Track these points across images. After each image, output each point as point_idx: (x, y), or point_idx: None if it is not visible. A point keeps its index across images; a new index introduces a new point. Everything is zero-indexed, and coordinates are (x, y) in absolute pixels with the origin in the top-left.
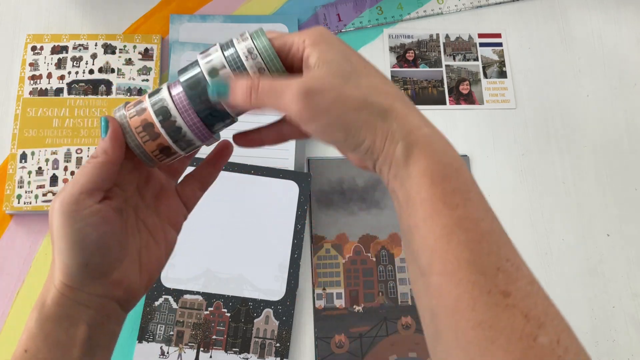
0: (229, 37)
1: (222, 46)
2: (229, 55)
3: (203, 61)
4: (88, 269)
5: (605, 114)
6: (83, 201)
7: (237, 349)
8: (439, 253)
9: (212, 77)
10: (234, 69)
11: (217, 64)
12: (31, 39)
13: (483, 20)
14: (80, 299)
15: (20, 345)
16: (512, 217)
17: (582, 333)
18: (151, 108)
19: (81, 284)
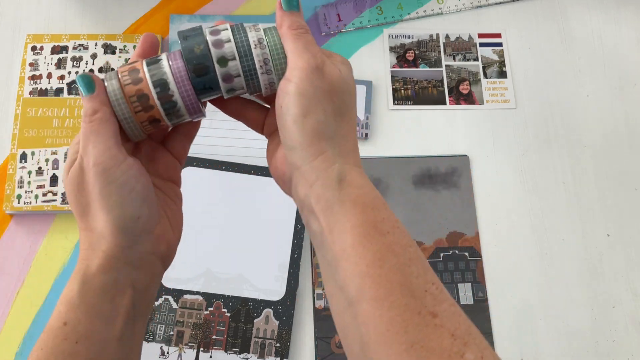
0: (240, 22)
1: (232, 29)
2: (239, 41)
3: (211, 40)
4: (140, 222)
5: (605, 114)
6: (117, 155)
7: (237, 349)
8: (372, 278)
9: (220, 65)
10: (241, 55)
11: (228, 54)
12: (31, 39)
13: (483, 20)
14: (131, 259)
15: (58, 317)
16: (512, 217)
17: (582, 333)
18: (150, 78)
19: (133, 240)
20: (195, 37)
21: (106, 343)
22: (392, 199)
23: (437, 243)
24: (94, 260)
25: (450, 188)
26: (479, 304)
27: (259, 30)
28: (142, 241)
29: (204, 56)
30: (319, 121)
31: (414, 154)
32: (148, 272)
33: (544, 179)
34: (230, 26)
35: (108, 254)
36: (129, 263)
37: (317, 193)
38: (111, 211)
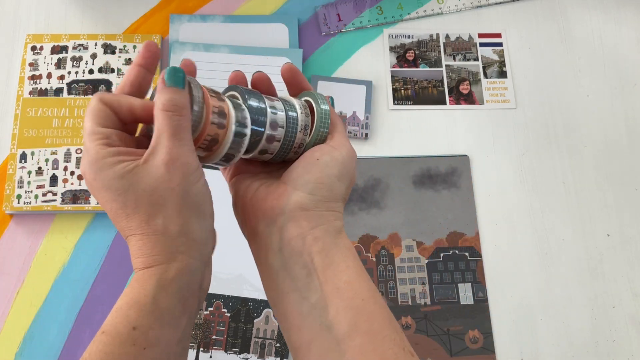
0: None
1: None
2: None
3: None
4: (212, 219)
5: (605, 114)
6: (197, 158)
7: (237, 349)
8: (367, 312)
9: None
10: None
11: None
12: (31, 39)
13: (483, 20)
14: (206, 257)
15: (127, 321)
16: (512, 217)
17: (582, 333)
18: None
19: (210, 237)
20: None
21: (170, 347)
22: (392, 199)
23: (437, 243)
24: (173, 264)
25: (450, 188)
26: (479, 304)
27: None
28: (212, 238)
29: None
30: (341, 191)
31: (414, 154)
32: (207, 262)
33: (544, 179)
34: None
35: (188, 255)
36: (204, 262)
37: (317, 235)
38: (195, 209)
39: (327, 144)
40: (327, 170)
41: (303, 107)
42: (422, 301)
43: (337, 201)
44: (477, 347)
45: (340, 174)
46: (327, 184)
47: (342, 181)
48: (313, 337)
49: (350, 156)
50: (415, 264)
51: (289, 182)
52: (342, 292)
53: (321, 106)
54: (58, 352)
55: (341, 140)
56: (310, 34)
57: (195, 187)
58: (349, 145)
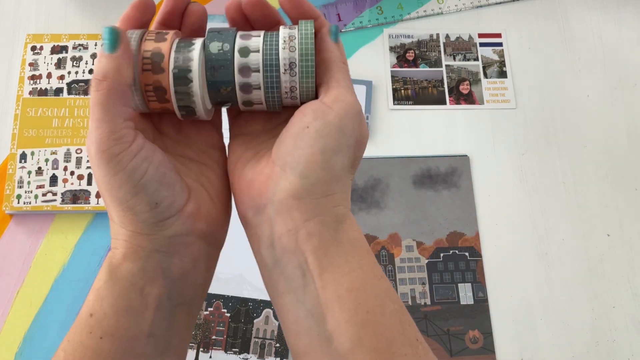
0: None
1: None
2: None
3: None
4: (160, 208)
5: (605, 114)
6: (124, 137)
7: (237, 349)
8: (373, 326)
9: (241, 55)
10: (266, 54)
11: (253, 63)
12: (31, 38)
13: (483, 20)
14: (159, 246)
15: (86, 307)
16: (512, 217)
17: (582, 333)
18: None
19: (156, 227)
20: (222, 38)
21: (134, 340)
22: (392, 199)
23: (437, 243)
24: (119, 250)
25: (450, 188)
26: (479, 304)
27: (293, 28)
28: (169, 225)
29: (226, 60)
30: (343, 164)
31: (414, 154)
32: (185, 256)
33: (544, 179)
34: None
35: (131, 242)
36: (156, 250)
37: (311, 230)
38: (122, 202)
39: (320, 100)
40: (320, 142)
41: (288, 40)
42: (422, 301)
43: (338, 180)
44: (477, 347)
45: (339, 144)
46: (321, 161)
47: (343, 152)
48: (311, 347)
49: (351, 115)
50: (415, 264)
51: (277, 159)
52: (344, 301)
53: (302, 33)
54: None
55: (338, 92)
56: None
57: (119, 176)
58: (350, 99)
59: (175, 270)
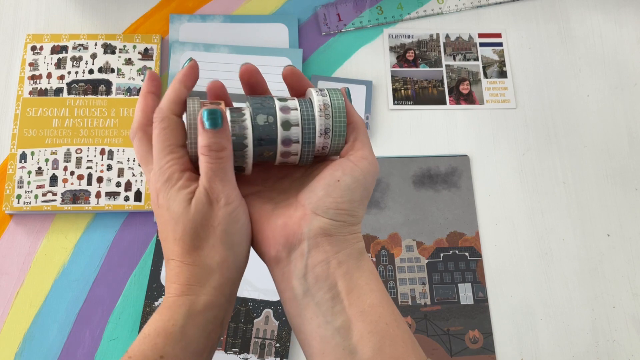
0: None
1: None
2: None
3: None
4: (236, 261)
5: (605, 114)
6: (239, 195)
7: (237, 349)
8: (391, 337)
9: (283, 129)
10: (304, 120)
11: (292, 119)
12: (31, 38)
13: (483, 20)
14: (229, 296)
15: (154, 349)
16: (512, 217)
17: (582, 333)
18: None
19: (240, 275)
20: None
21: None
22: (392, 199)
23: (437, 243)
24: (202, 297)
25: (450, 188)
26: (479, 304)
27: (325, 96)
28: (236, 278)
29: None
30: (364, 210)
31: (414, 154)
32: (233, 304)
33: (544, 179)
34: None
35: (219, 290)
36: (227, 300)
37: (340, 259)
38: (232, 248)
39: (348, 159)
40: (349, 195)
41: (323, 109)
42: (422, 301)
43: (359, 223)
44: (477, 347)
45: (362, 197)
46: (348, 209)
47: (364, 202)
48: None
49: (372, 173)
50: (415, 264)
51: (308, 205)
52: (367, 315)
53: (334, 102)
54: (58, 352)
55: (363, 152)
56: (310, 34)
57: (234, 226)
58: (371, 158)
59: (227, 317)
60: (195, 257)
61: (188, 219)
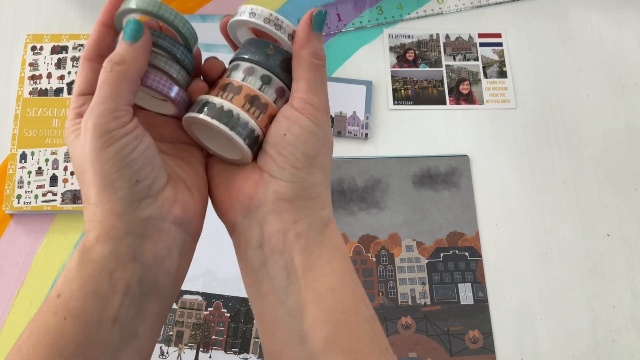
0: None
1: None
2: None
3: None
4: (140, 187)
5: (605, 114)
6: (123, 116)
7: (237, 349)
8: (346, 326)
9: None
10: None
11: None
12: (31, 39)
13: (483, 20)
14: (133, 228)
15: (55, 289)
16: (512, 217)
17: (582, 333)
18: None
19: (133, 206)
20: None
21: (98, 324)
22: (392, 199)
23: (437, 243)
24: (92, 232)
25: (450, 188)
26: (479, 304)
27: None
28: (145, 206)
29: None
30: (324, 167)
31: (414, 154)
32: (159, 241)
33: (544, 179)
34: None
35: (105, 223)
36: (130, 232)
37: (299, 231)
38: (106, 177)
39: (291, 105)
40: (301, 149)
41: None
42: (422, 301)
43: (322, 183)
44: (477, 347)
45: (317, 150)
46: (304, 166)
47: (321, 155)
48: (285, 346)
49: (321, 120)
50: (415, 264)
51: (264, 165)
52: (322, 300)
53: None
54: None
55: (307, 95)
56: None
57: (108, 150)
58: (318, 101)
59: (148, 255)
60: (84, 191)
61: (73, 155)
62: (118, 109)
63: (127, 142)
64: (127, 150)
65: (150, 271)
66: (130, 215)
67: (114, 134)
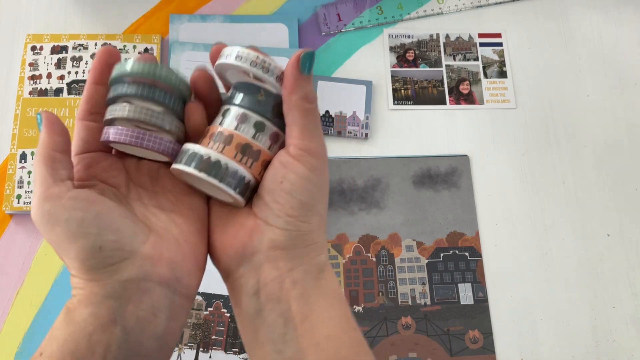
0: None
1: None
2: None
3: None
4: (106, 252)
5: (605, 113)
6: (53, 197)
7: (237, 349)
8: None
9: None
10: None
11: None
12: (31, 39)
13: (483, 20)
14: (112, 291)
15: (41, 345)
16: (512, 216)
17: (582, 333)
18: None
19: (107, 271)
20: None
21: None
22: (392, 199)
23: (437, 243)
24: (76, 297)
25: (450, 188)
26: (479, 304)
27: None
28: (122, 269)
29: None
30: (320, 215)
31: (414, 154)
32: (141, 303)
33: (544, 179)
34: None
35: (85, 289)
36: (109, 296)
37: (295, 278)
38: (67, 252)
39: (287, 151)
40: (297, 197)
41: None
42: (422, 301)
43: (317, 230)
44: (477, 347)
45: (314, 198)
46: (299, 214)
47: (319, 205)
48: None
49: (318, 166)
50: (415, 264)
51: (259, 212)
52: (321, 348)
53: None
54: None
55: (302, 142)
56: (310, 34)
57: (55, 230)
58: (314, 148)
59: (130, 318)
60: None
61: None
62: (47, 190)
63: (69, 217)
64: (73, 225)
65: (132, 335)
66: (108, 280)
67: (52, 215)
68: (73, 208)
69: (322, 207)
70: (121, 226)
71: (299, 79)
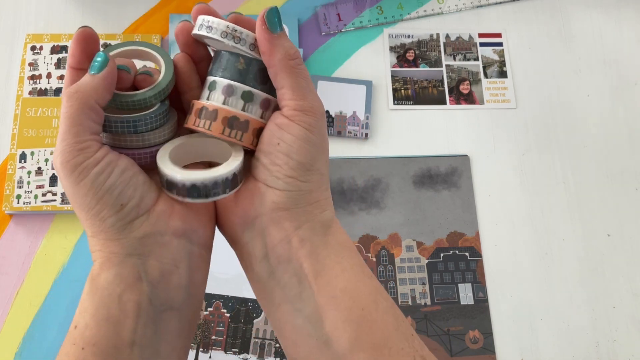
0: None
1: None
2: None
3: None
4: (126, 209)
5: (605, 113)
6: (88, 147)
7: (237, 349)
8: (369, 323)
9: None
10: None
11: None
12: (30, 38)
13: (483, 20)
14: (132, 249)
15: (73, 320)
16: (512, 217)
17: (583, 333)
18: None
19: (126, 229)
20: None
21: (116, 350)
22: (392, 199)
23: (437, 243)
24: (96, 261)
25: (450, 188)
26: (479, 304)
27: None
28: (138, 226)
29: None
30: (320, 173)
31: (414, 154)
32: (163, 257)
33: (544, 179)
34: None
35: (104, 251)
36: (130, 254)
37: (302, 236)
38: (89, 210)
39: (282, 113)
40: (295, 157)
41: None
42: (422, 301)
43: (319, 188)
44: (478, 348)
45: (312, 157)
46: (298, 174)
47: (318, 162)
48: (310, 354)
49: (314, 124)
50: (415, 264)
51: (258, 175)
52: (339, 301)
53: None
54: (58, 352)
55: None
56: (310, 34)
57: (83, 184)
58: (308, 105)
59: (154, 272)
60: (82, 224)
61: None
62: (80, 141)
63: (100, 171)
64: (102, 179)
65: (160, 288)
66: (126, 238)
67: (83, 167)
68: (104, 163)
69: (322, 164)
70: (140, 183)
71: (272, 39)
